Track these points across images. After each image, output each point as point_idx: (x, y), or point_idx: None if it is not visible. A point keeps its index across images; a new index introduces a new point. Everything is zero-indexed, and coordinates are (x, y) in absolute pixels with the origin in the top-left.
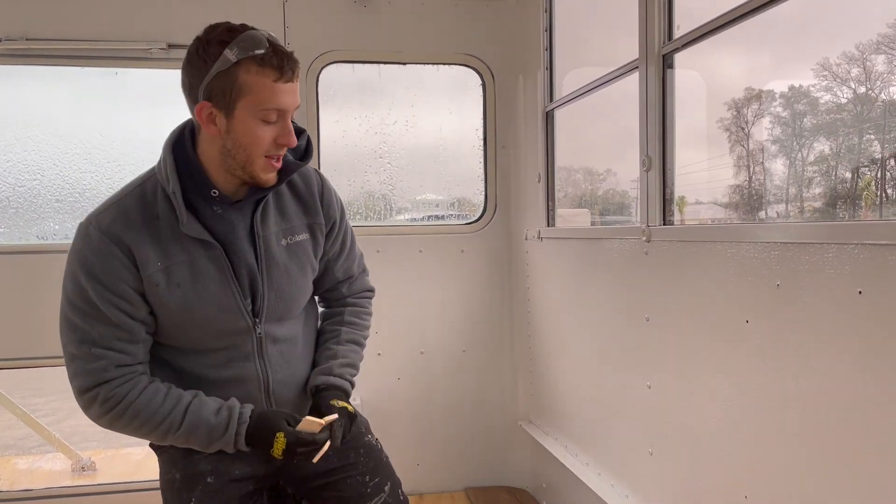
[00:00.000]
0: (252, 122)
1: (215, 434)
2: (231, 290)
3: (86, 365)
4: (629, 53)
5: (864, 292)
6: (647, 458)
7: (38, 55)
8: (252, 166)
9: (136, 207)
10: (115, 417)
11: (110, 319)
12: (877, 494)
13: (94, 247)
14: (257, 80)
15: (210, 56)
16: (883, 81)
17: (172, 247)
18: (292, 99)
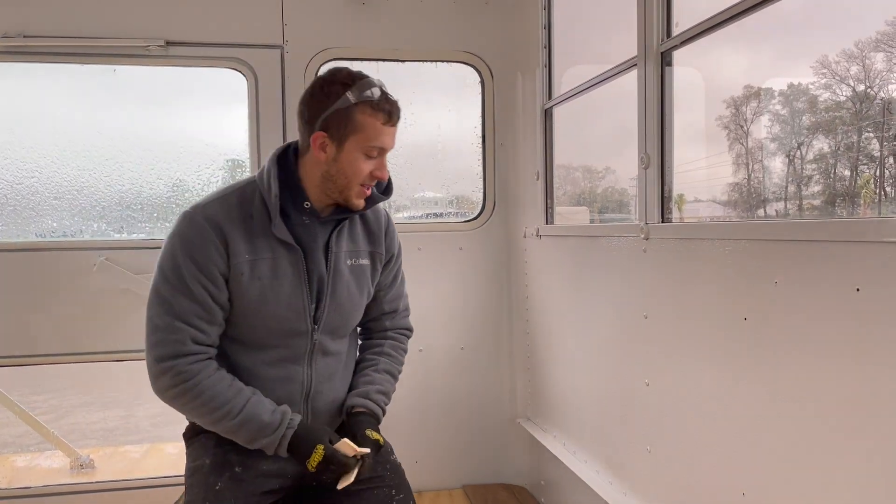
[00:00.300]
0: (357, 155)
1: (265, 431)
2: (302, 292)
3: (166, 336)
4: (628, 51)
5: (862, 289)
6: (646, 456)
7: (35, 52)
8: (348, 191)
9: (237, 205)
10: (180, 392)
11: (195, 296)
12: (874, 491)
13: (197, 231)
14: (369, 121)
15: (332, 94)
16: (882, 79)
17: (261, 244)
18: (392, 141)
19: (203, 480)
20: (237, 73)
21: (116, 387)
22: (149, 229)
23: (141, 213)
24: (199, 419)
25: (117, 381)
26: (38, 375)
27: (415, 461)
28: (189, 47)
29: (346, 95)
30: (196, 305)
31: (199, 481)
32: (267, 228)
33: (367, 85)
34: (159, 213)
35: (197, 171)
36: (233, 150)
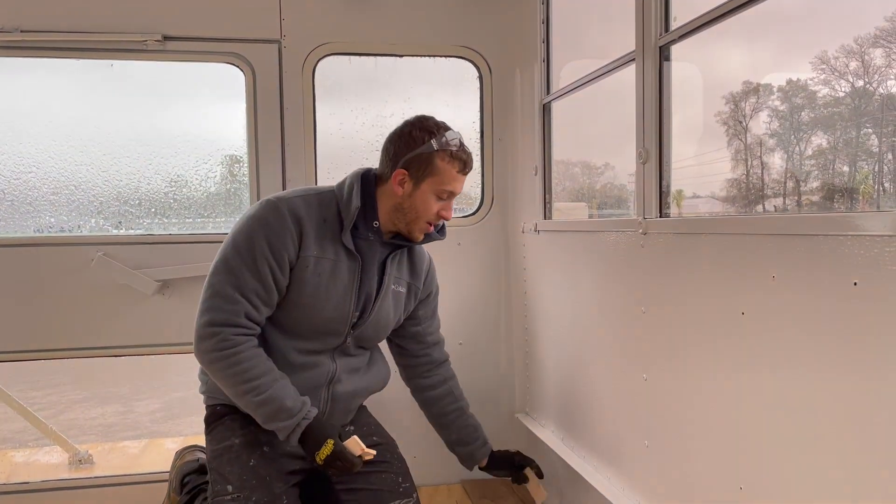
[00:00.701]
0: (429, 196)
1: (283, 415)
2: (350, 298)
3: (224, 304)
4: (626, 45)
5: (860, 283)
6: (644, 450)
7: (32, 47)
8: (414, 225)
9: (315, 206)
10: (219, 358)
11: (261, 275)
12: (870, 485)
13: (278, 217)
14: (446, 167)
15: (418, 139)
16: (881, 75)
17: (328, 245)
18: (461, 187)
19: (235, 458)
20: (235, 69)
21: (115, 382)
22: (147, 224)
23: (139, 208)
24: (227, 388)
25: (116, 377)
26: (37, 371)
27: (413, 456)
28: (186, 42)
29: (430, 142)
30: (259, 284)
31: (230, 459)
32: (336, 234)
33: (450, 135)
34: (157, 209)
35: (195, 167)
36: (231, 146)
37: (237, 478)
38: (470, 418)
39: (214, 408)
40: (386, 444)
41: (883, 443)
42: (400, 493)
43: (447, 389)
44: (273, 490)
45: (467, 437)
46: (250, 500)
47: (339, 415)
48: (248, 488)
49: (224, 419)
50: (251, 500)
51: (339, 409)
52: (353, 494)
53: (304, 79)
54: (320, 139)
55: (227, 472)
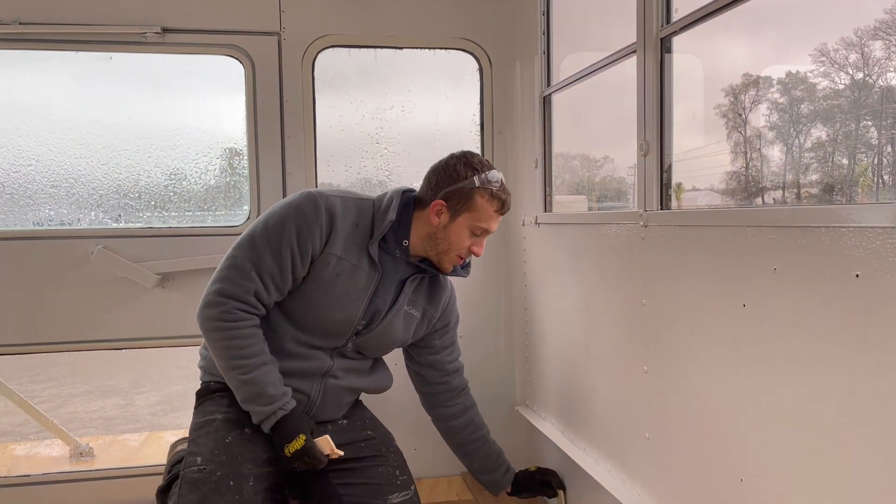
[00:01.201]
0: (464, 230)
1: (261, 400)
2: (360, 305)
3: (238, 277)
4: (627, 37)
5: (862, 275)
6: (644, 443)
7: (31, 39)
8: (444, 256)
9: (353, 209)
10: (218, 328)
11: (281, 260)
12: (872, 477)
13: (314, 210)
14: (485, 205)
15: (461, 174)
16: (881, 67)
17: (353, 250)
18: (496, 226)
19: (213, 432)
20: (234, 61)
21: (115, 376)
22: (146, 218)
23: (138, 201)
24: (218, 359)
25: (116, 370)
26: (37, 364)
27: (414, 449)
28: (185, 34)
29: (472, 178)
30: (276, 268)
31: (208, 432)
32: (365, 242)
33: (493, 175)
34: (157, 202)
35: (195, 160)
36: (230, 139)
37: (209, 451)
38: (492, 446)
39: (208, 384)
40: (381, 438)
41: (884, 435)
42: (398, 486)
43: (468, 419)
44: (241, 470)
45: (490, 465)
46: (214, 475)
47: (331, 408)
48: (216, 463)
49: (214, 395)
50: (215, 474)
51: (330, 401)
52: (351, 489)
53: (303, 71)
54: (320, 132)
55: (202, 445)
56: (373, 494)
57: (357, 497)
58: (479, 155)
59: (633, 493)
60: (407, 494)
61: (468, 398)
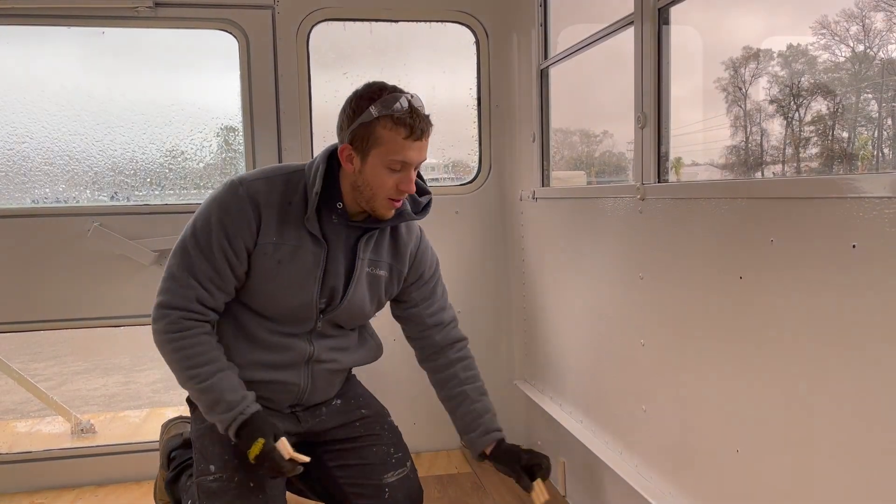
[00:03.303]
0: (380, 168)
1: (221, 407)
2: (313, 286)
3: (177, 287)
4: (625, 8)
5: (858, 246)
6: (641, 415)
7: (21, 14)
8: (374, 202)
9: (279, 189)
10: (168, 341)
11: (215, 261)
12: (867, 448)
13: (237, 201)
14: (390, 135)
15: (359, 108)
16: (882, 39)
17: (290, 231)
18: (418, 155)
19: (218, 437)
20: (229, 36)
21: (116, 353)
22: (143, 195)
23: (134, 178)
24: (174, 372)
25: (116, 348)
26: (38, 343)
27: (413, 423)
28: (178, 8)
29: (369, 109)
30: (212, 270)
31: (213, 439)
32: (301, 218)
33: (392, 99)
34: (153, 179)
35: (190, 136)
36: (225, 114)
37: (219, 458)
38: (474, 404)
39: None
40: (375, 416)
41: (881, 407)
42: (392, 465)
43: (452, 373)
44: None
45: (468, 424)
46: (233, 481)
47: (322, 390)
48: (231, 468)
49: None
50: (234, 480)
51: (320, 385)
52: (346, 471)
53: (298, 45)
54: (316, 106)
55: (210, 452)
56: (367, 474)
57: (352, 478)
58: (381, 82)
59: (630, 464)
60: (403, 471)
61: (454, 353)
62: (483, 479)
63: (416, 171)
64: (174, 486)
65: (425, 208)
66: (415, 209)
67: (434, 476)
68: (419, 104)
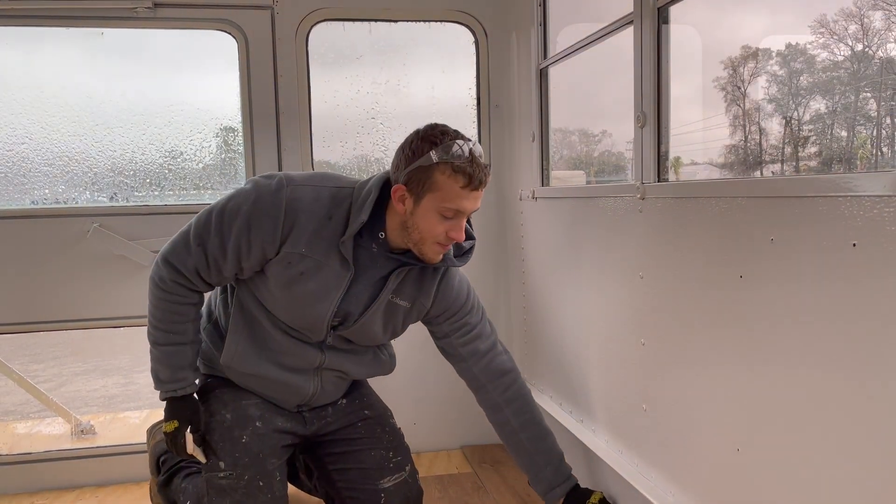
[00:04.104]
0: (433, 214)
1: (162, 375)
2: (328, 306)
3: (183, 249)
4: (624, 7)
5: (859, 245)
6: (642, 414)
7: (20, 15)
8: (422, 246)
9: (325, 202)
10: (154, 291)
11: (226, 247)
12: (867, 447)
13: (273, 204)
14: (448, 182)
15: (419, 150)
16: (880, 38)
17: (321, 246)
18: (472, 204)
19: (227, 433)
20: (228, 36)
21: (115, 354)
22: (142, 196)
23: (134, 179)
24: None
25: (115, 349)
26: (38, 344)
27: (413, 423)
28: (177, 9)
29: (429, 154)
30: (221, 252)
31: (222, 435)
32: (336, 238)
33: (453, 145)
34: (152, 180)
35: (189, 137)
36: (225, 115)
37: (229, 455)
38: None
39: (206, 379)
40: (377, 418)
41: (882, 405)
42: (390, 469)
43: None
44: (266, 467)
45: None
46: (243, 479)
47: (330, 394)
48: (241, 466)
49: (215, 391)
50: (244, 478)
51: (329, 390)
52: (344, 475)
53: (297, 46)
54: (315, 107)
55: (219, 449)
56: (364, 479)
57: (349, 482)
58: (443, 125)
59: (631, 463)
60: (400, 476)
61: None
62: (484, 479)
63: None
64: (167, 489)
65: (467, 253)
66: (457, 252)
67: (434, 476)
68: (479, 152)
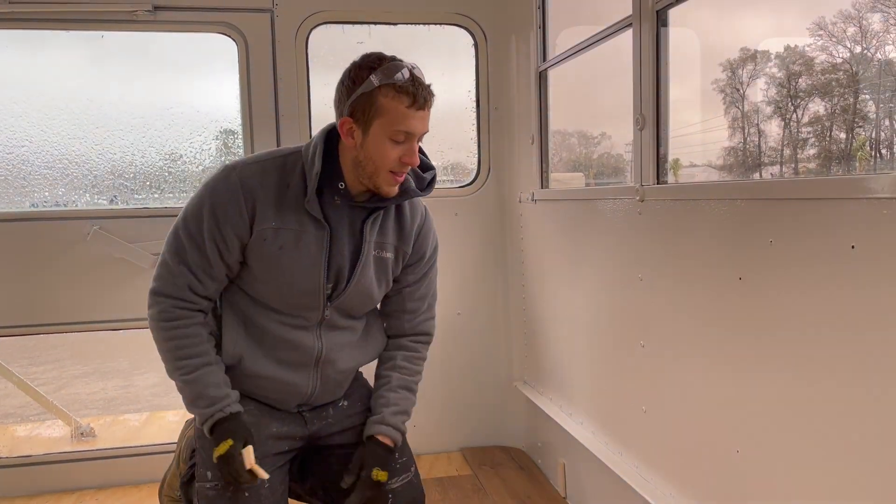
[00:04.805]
0: (383, 140)
1: (201, 402)
2: (319, 271)
3: (169, 275)
4: (623, 10)
5: (857, 247)
6: (641, 416)
7: (21, 19)
8: (377, 178)
9: (275, 172)
10: (159, 328)
11: (205, 251)
12: (866, 448)
13: (228, 189)
14: (392, 104)
15: (359, 79)
16: (879, 40)
17: (290, 215)
18: (421, 125)
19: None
20: (228, 39)
21: (114, 357)
22: (142, 199)
23: (133, 181)
24: (164, 362)
25: (115, 351)
26: (37, 347)
27: (413, 425)
28: (177, 12)
29: (370, 79)
30: (203, 258)
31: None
32: (300, 201)
33: (393, 68)
34: (152, 182)
35: (189, 139)
36: (224, 118)
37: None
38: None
39: None
40: None
41: (880, 406)
42: (397, 470)
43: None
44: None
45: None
46: (228, 489)
47: (330, 392)
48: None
49: None
50: (228, 489)
51: (328, 387)
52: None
53: (297, 48)
54: (315, 109)
55: (207, 457)
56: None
57: (356, 484)
58: (379, 52)
59: (630, 464)
60: (407, 477)
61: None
62: (483, 481)
63: (418, 144)
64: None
65: (430, 184)
66: (419, 185)
67: (434, 478)
68: (420, 74)
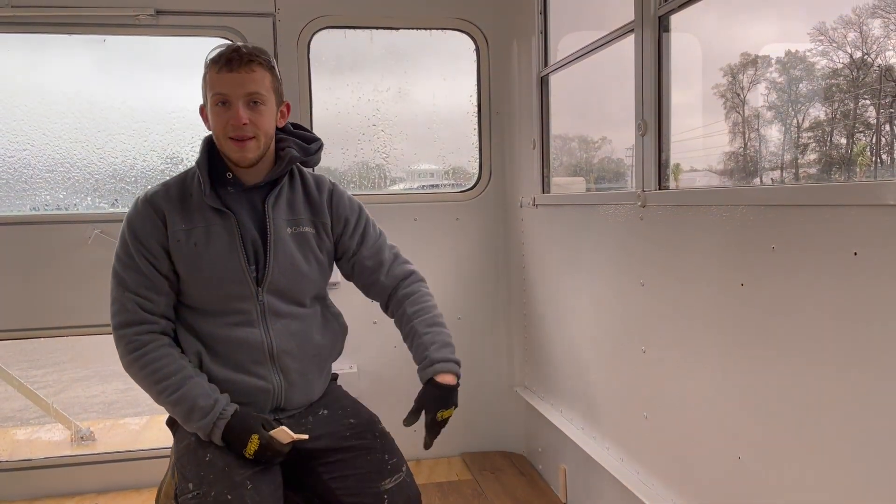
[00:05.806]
0: (212, 110)
1: (196, 415)
2: (238, 255)
3: (120, 307)
4: (625, 16)
5: (860, 253)
6: (642, 422)
7: (24, 23)
8: (224, 149)
9: (177, 186)
10: (131, 361)
11: (140, 269)
12: (869, 455)
13: (140, 212)
14: (211, 73)
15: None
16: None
17: (196, 215)
18: (232, 87)
19: (192, 455)
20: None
21: (115, 360)
22: None
23: (135, 185)
24: (146, 391)
25: (115, 355)
26: (37, 350)
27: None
28: (179, 16)
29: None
30: (142, 277)
31: (189, 457)
32: (202, 202)
33: (219, 48)
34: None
35: (190, 143)
36: None
37: (195, 475)
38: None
39: None
40: (364, 424)
41: (883, 414)
42: (389, 471)
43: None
44: (233, 479)
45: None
46: (209, 496)
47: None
48: (207, 483)
49: None
50: (210, 495)
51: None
52: (343, 482)
53: (299, 53)
54: (316, 114)
55: (187, 471)
56: (365, 484)
57: (350, 489)
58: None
59: (631, 470)
60: (399, 476)
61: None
62: (484, 486)
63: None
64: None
65: (316, 153)
66: (305, 154)
67: (435, 483)
68: (248, 49)
